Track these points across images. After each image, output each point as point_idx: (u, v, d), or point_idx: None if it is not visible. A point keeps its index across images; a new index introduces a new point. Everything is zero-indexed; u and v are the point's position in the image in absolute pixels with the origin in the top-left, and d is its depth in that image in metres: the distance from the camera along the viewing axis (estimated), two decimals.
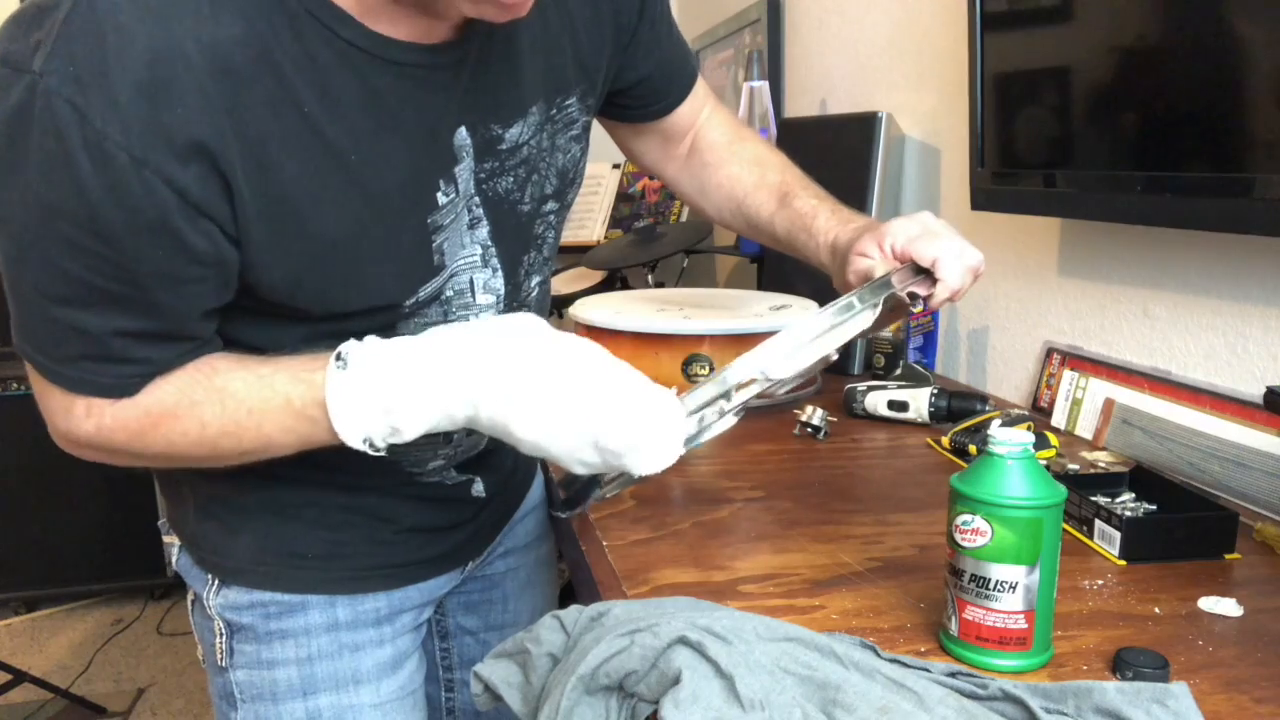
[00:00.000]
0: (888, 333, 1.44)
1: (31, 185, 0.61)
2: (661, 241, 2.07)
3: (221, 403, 0.71)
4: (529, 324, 0.70)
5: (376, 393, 0.68)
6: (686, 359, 0.84)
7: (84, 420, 0.71)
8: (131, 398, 0.70)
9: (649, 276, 2.19)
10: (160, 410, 0.71)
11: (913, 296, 0.82)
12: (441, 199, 0.76)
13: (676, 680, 0.52)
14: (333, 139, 0.68)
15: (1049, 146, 1.14)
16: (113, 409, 0.70)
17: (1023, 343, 1.36)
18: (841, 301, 0.78)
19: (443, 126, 0.75)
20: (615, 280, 2.29)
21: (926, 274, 0.83)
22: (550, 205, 0.87)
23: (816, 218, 0.95)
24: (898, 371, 1.38)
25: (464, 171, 0.77)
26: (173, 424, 0.71)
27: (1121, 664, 0.62)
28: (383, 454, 0.71)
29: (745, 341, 1.26)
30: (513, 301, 0.86)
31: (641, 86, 0.97)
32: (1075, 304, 1.25)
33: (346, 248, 0.71)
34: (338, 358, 0.69)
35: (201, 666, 0.95)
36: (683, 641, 0.54)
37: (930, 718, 0.52)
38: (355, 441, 0.69)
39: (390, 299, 0.76)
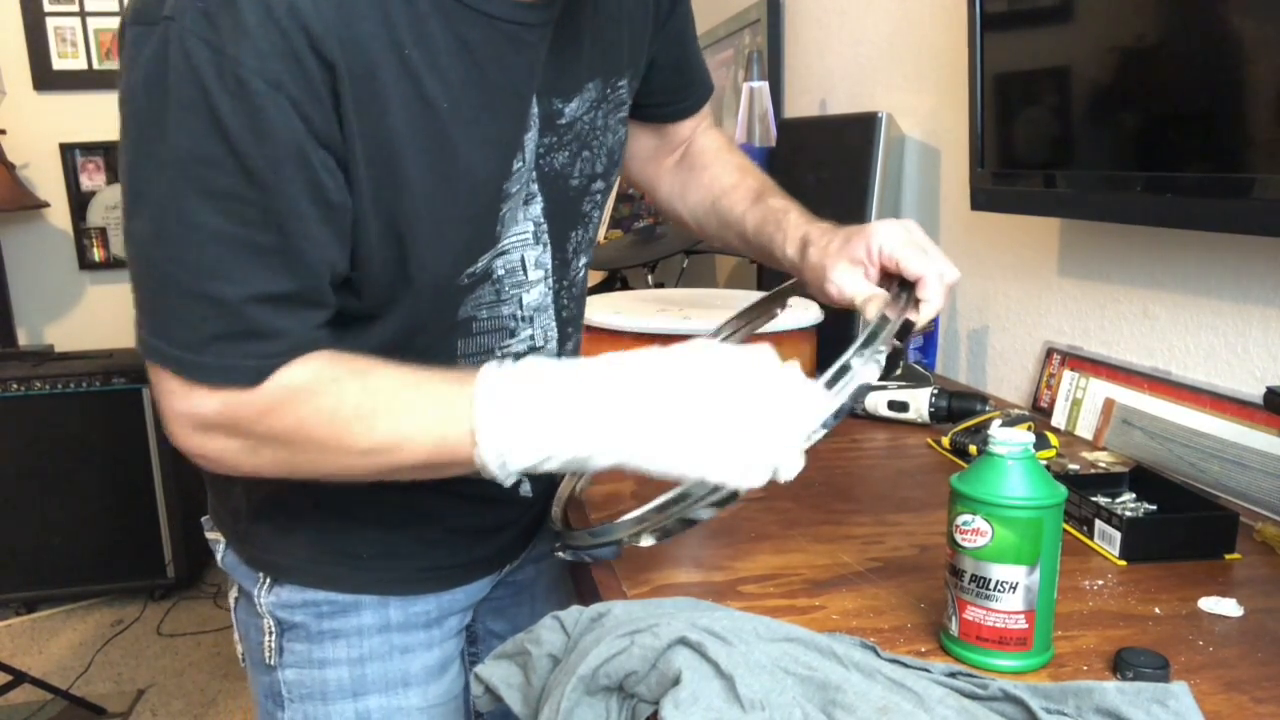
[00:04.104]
0: None
1: (172, 143, 0.61)
2: (661, 241, 2.07)
3: (364, 380, 0.68)
4: (682, 373, 0.65)
5: (527, 426, 0.65)
6: None
7: (208, 399, 0.66)
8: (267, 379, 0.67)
9: (649, 277, 2.19)
10: (296, 384, 0.67)
11: (906, 325, 0.79)
12: (516, 164, 0.76)
13: (677, 681, 0.52)
14: (427, 86, 0.68)
15: (1049, 146, 1.14)
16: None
17: (1023, 343, 1.35)
18: (849, 359, 0.72)
19: (524, 90, 0.75)
20: (615, 280, 2.29)
21: (905, 288, 0.80)
22: (598, 184, 0.87)
23: (788, 214, 0.94)
24: (898, 371, 1.38)
25: (530, 142, 0.77)
26: (307, 399, 0.67)
27: (1122, 664, 0.62)
28: (510, 480, 0.68)
29: (745, 342, 1.26)
30: (561, 279, 0.86)
31: (660, 81, 0.98)
32: (1075, 304, 1.25)
33: (431, 203, 0.71)
34: (490, 371, 0.66)
35: (240, 665, 0.94)
36: (683, 642, 0.54)
37: (930, 718, 0.52)
38: (492, 464, 0.66)
39: (455, 267, 0.75)
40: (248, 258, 0.64)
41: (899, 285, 0.82)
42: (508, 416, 0.65)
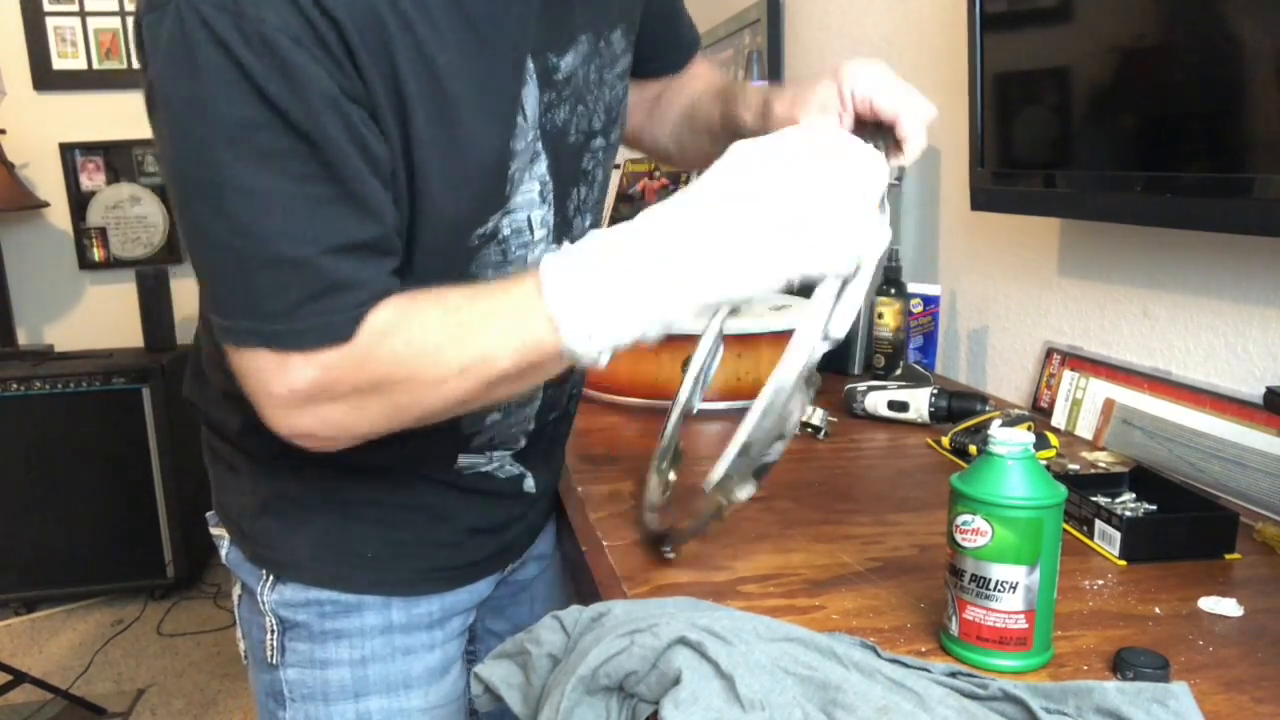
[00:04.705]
0: (888, 333, 1.44)
1: (212, 116, 0.61)
2: None
3: (442, 304, 0.68)
4: (733, 187, 0.64)
5: (600, 295, 0.64)
6: (686, 358, 0.85)
7: (304, 369, 0.66)
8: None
9: None
10: (382, 325, 0.67)
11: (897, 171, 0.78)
12: (520, 121, 0.76)
13: (677, 680, 0.52)
14: (423, 39, 0.68)
15: (1048, 146, 1.14)
16: (335, 347, 0.66)
17: (1023, 343, 1.35)
18: None
19: (520, 45, 0.75)
20: None
21: (882, 133, 0.77)
22: (598, 141, 0.86)
23: (746, 86, 0.93)
24: (898, 371, 1.38)
25: (530, 98, 0.77)
26: (395, 335, 0.67)
27: (1122, 664, 0.62)
28: (604, 360, 0.67)
29: (745, 342, 1.26)
30: (561, 238, 0.85)
31: (649, 37, 0.97)
32: (1075, 304, 1.25)
33: (440, 161, 0.70)
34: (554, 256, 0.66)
35: (243, 663, 0.94)
36: (683, 642, 0.54)
37: (930, 718, 0.52)
38: (579, 345, 0.65)
39: (466, 226, 0.75)
40: (313, 211, 0.64)
41: (874, 130, 0.78)
42: (579, 293, 0.65)
